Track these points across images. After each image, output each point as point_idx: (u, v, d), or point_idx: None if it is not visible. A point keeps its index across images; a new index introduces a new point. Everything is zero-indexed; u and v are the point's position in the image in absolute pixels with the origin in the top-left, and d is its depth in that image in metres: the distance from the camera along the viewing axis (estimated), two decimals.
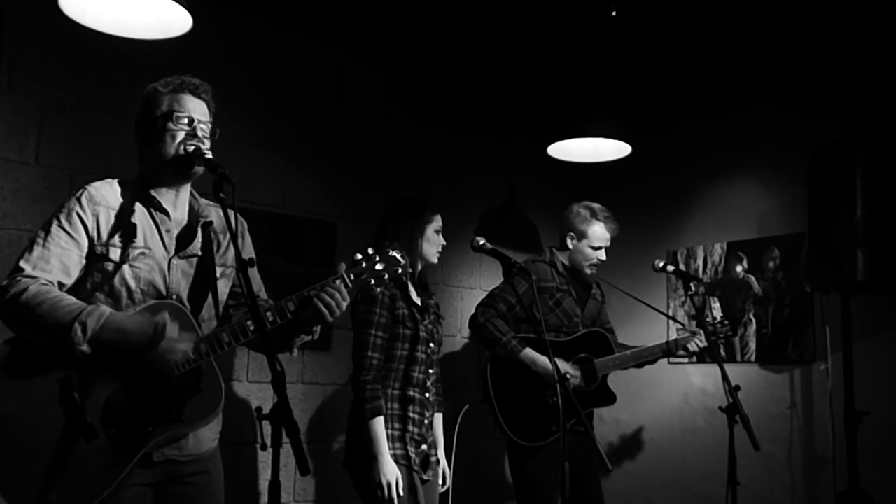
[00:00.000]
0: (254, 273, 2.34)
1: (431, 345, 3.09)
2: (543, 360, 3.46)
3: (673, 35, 4.39)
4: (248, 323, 2.07)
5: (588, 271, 3.71)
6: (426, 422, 3.04)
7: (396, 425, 2.94)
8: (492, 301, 3.57)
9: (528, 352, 3.49)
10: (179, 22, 2.64)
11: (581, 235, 3.70)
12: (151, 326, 1.94)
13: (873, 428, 3.51)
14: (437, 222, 3.16)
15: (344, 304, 2.12)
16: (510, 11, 4.11)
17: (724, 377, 3.20)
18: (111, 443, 1.97)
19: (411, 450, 2.94)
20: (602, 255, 3.71)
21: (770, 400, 4.13)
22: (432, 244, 3.13)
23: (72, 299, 1.99)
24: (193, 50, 3.67)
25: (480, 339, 3.62)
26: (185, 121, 2.17)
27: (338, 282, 2.12)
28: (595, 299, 3.84)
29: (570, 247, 3.73)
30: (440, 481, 3.15)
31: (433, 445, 3.11)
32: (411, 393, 2.99)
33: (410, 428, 2.96)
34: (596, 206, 3.73)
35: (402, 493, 2.81)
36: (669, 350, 3.67)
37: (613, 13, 3.89)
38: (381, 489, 2.79)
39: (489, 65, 4.77)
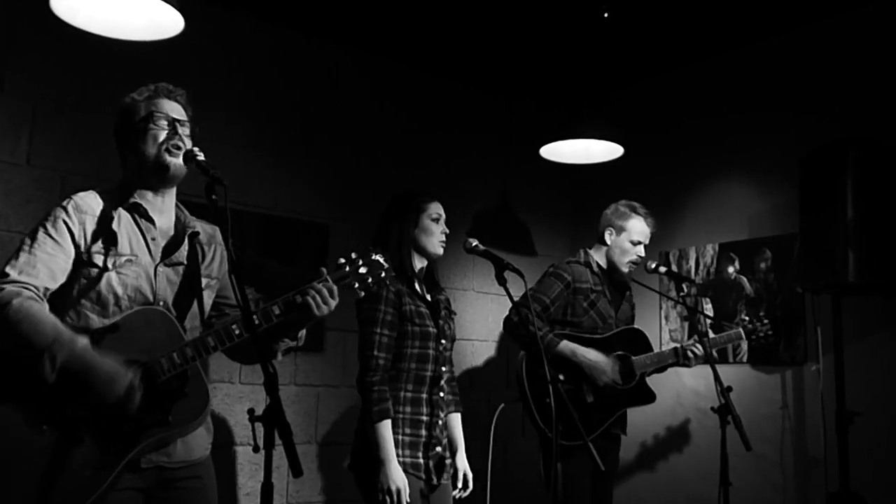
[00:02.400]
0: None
1: (443, 341, 2.95)
2: (583, 349, 3.46)
3: (668, 36, 4.40)
4: (234, 327, 2.08)
5: (625, 269, 3.64)
6: (440, 423, 2.90)
7: (408, 430, 2.81)
8: (526, 301, 3.42)
9: (567, 343, 3.46)
10: (171, 23, 2.64)
11: (620, 230, 3.65)
12: (118, 383, 1.94)
13: (865, 428, 3.52)
14: (433, 210, 3.00)
15: (332, 302, 2.14)
16: (507, 11, 4.12)
17: (716, 378, 3.21)
18: (98, 448, 1.97)
19: (422, 455, 2.82)
20: (641, 251, 3.65)
21: (762, 401, 4.15)
22: (430, 234, 2.96)
23: (49, 324, 1.96)
24: (186, 51, 3.67)
25: (515, 338, 3.58)
26: (164, 121, 2.20)
27: (329, 282, 2.14)
28: (629, 302, 3.78)
29: (609, 242, 3.67)
30: (460, 485, 3.01)
31: (448, 447, 2.98)
32: (424, 394, 2.87)
33: (423, 432, 2.83)
34: (636, 203, 3.70)
35: (408, 500, 2.69)
36: (677, 354, 3.58)
37: (605, 14, 3.90)
38: (388, 496, 2.67)
39: (486, 65, 4.77)
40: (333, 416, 4.18)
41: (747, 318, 3.75)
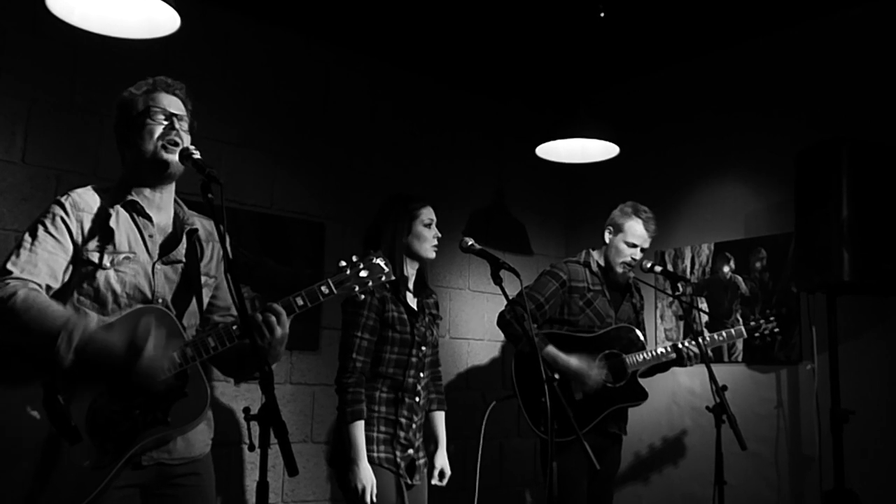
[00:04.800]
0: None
1: (424, 348, 3.02)
2: (564, 358, 3.44)
3: (661, 34, 4.41)
4: (234, 327, 2.08)
5: (619, 269, 3.62)
6: (414, 426, 2.99)
7: (384, 428, 2.91)
8: (521, 299, 3.45)
9: (549, 351, 3.45)
10: (167, 21, 2.63)
11: (618, 229, 3.64)
12: (136, 340, 1.93)
13: (859, 427, 3.53)
14: (426, 215, 3.04)
15: (278, 332, 2.04)
16: (498, 12, 4.12)
17: (712, 377, 3.21)
18: (96, 446, 1.97)
19: (398, 454, 2.91)
20: (637, 253, 3.62)
21: (757, 400, 4.16)
22: (423, 240, 3.02)
23: (59, 308, 1.98)
24: (182, 50, 3.67)
25: (506, 335, 3.62)
26: (162, 116, 2.18)
27: (277, 306, 2.07)
28: (631, 302, 3.75)
29: (607, 241, 3.67)
30: (434, 481, 3.11)
31: (422, 448, 3.07)
32: (401, 397, 2.94)
33: (396, 432, 2.92)
34: (641, 206, 3.69)
35: (375, 499, 2.77)
36: (676, 352, 3.54)
37: (602, 14, 3.90)
38: (356, 493, 2.77)
39: (478, 66, 4.77)
40: (329, 415, 4.17)
41: (751, 315, 3.73)
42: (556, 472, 3.35)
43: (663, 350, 3.56)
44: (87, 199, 2.14)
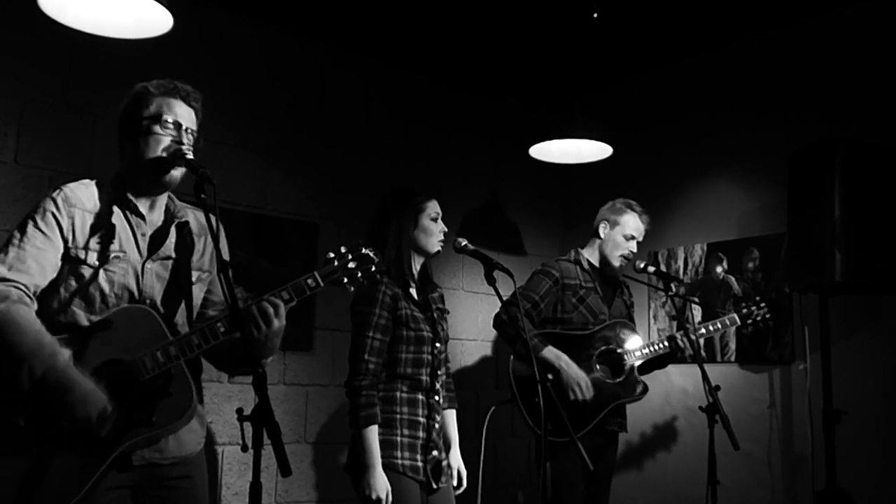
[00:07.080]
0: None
1: (438, 344, 2.92)
2: (567, 358, 3.44)
3: (655, 34, 4.42)
4: (219, 325, 2.05)
5: (616, 263, 3.64)
6: (436, 426, 2.88)
7: (407, 431, 2.79)
8: (515, 299, 3.36)
9: (551, 349, 3.45)
10: (160, 21, 2.62)
11: (614, 224, 3.66)
12: (92, 405, 1.90)
13: (851, 427, 3.54)
14: (432, 208, 2.97)
15: (275, 324, 2.04)
16: (493, 12, 4.13)
17: (705, 377, 3.21)
18: (79, 449, 1.95)
19: (420, 457, 2.80)
20: (633, 246, 3.65)
21: (750, 400, 4.17)
22: (429, 234, 2.94)
23: (33, 335, 1.92)
24: (174, 49, 3.66)
25: (503, 336, 3.61)
26: (172, 126, 2.13)
27: (275, 298, 2.06)
28: (622, 299, 3.76)
29: (603, 236, 3.68)
30: (454, 482, 3.00)
31: (444, 449, 2.96)
32: (420, 396, 2.85)
33: (420, 434, 2.81)
34: (632, 201, 3.72)
35: None
36: (669, 342, 3.55)
37: (595, 14, 3.90)
38: (370, 503, 2.67)
39: (473, 65, 4.78)
40: (322, 416, 4.17)
41: (743, 304, 3.74)
42: (553, 474, 3.35)
43: (658, 344, 3.57)
44: (79, 195, 2.11)
